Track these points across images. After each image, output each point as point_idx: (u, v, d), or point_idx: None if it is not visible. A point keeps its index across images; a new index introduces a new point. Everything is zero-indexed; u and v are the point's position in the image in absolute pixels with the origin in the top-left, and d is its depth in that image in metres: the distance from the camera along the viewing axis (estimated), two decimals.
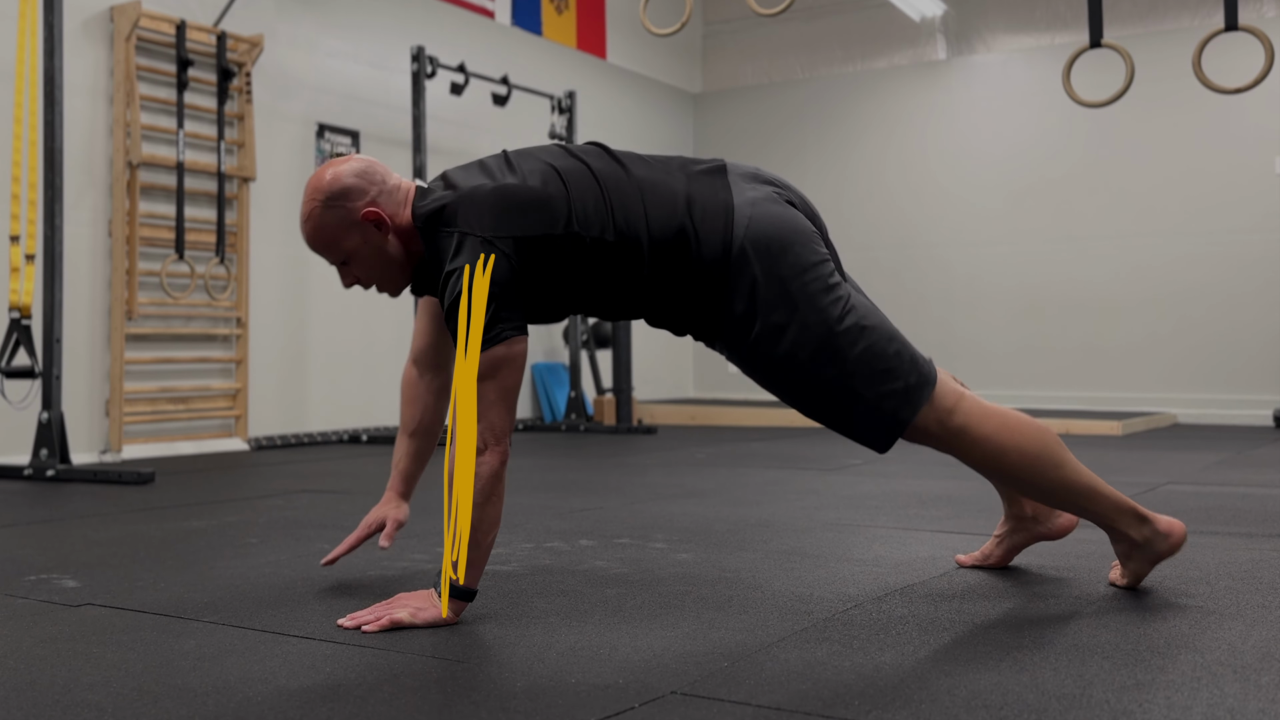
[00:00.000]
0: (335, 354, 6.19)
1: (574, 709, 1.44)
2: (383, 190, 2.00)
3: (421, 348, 2.22)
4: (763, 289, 1.93)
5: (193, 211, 5.48)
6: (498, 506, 1.88)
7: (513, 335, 1.87)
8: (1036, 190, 7.91)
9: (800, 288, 1.94)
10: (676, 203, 1.97)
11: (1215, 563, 2.40)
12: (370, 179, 2.00)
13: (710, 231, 1.95)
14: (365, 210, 1.97)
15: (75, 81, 5.01)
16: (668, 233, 1.96)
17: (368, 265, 2.02)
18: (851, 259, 8.49)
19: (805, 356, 1.95)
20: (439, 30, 6.87)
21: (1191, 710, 1.41)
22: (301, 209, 2.02)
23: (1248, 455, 5.05)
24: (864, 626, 1.87)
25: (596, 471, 4.52)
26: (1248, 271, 7.28)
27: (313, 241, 2.02)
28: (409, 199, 2.02)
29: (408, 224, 2.01)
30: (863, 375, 1.95)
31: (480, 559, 1.89)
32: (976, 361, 8.04)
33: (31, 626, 1.92)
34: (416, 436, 2.24)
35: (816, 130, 8.71)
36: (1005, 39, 8.24)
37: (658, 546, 2.68)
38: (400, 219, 2.01)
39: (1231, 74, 4.68)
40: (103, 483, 4.10)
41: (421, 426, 2.24)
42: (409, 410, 2.24)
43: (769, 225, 1.96)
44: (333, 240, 2.00)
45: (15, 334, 4.29)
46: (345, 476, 4.37)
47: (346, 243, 2.00)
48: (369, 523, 2.23)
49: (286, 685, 1.55)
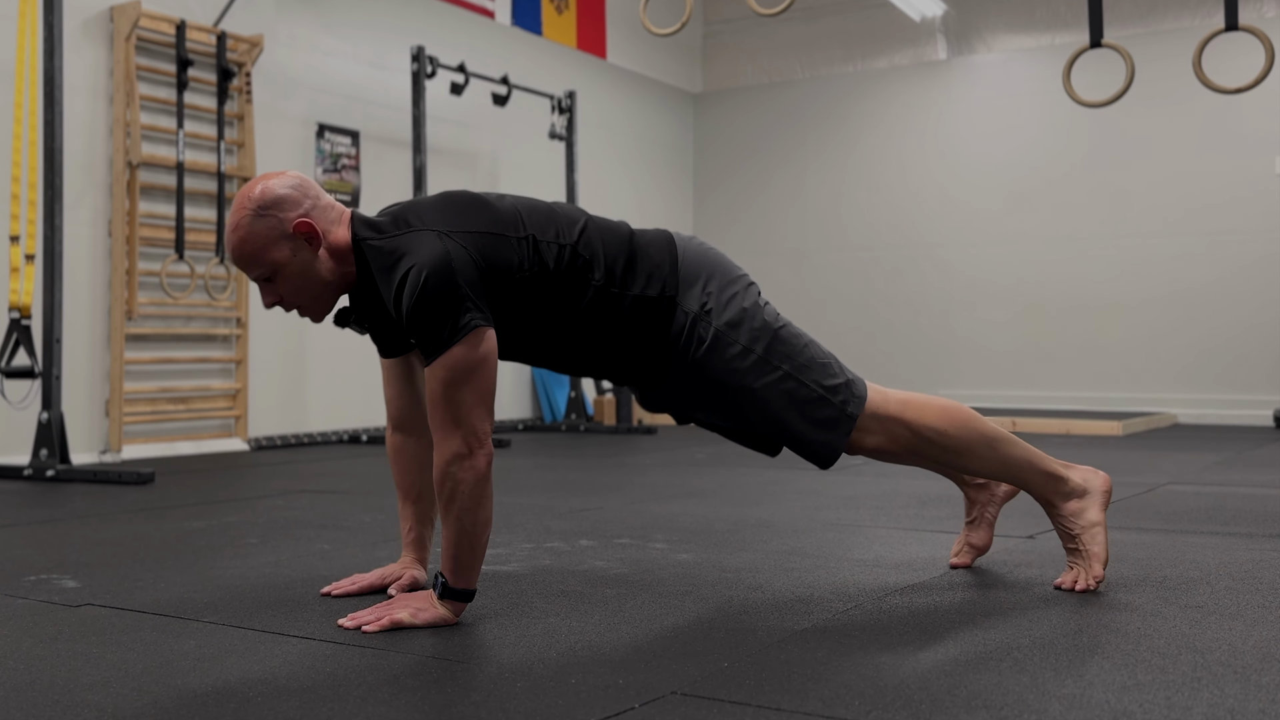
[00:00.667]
0: (335, 354, 6.19)
1: (574, 709, 1.44)
2: (316, 205, 1.95)
3: (398, 412, 2.16)
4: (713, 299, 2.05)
5: (193, 211, 5.48)
6: (488, 507, 1.87)
7: (482, 324, 1.84)
8: (1036, 190, 7.91)
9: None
10: (621, 227, 2.08)
11: (1215, 563, 2.40)
12: (305, 192, 1.95)
13: (658, 253, 2.05)
14: (298, 221, 1.91)
15: (75, 81, 5.00)
16: (620, 246, 2.03)
17: (294, 282, 1.94)
18: (851, 259, 8.50)
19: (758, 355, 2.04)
20: (439, 30, 6.87)
21: (1191, 710, 1.41)
22: (229, 219, 1.94)
23: (1248, 455, 5.05)
24: (864, 626, 1.87)
25: (596, 471, 4.52)
26: (1248, 271, 7.28)
27: (239, 251, 1.92)
28: (344, 219, 1.97)
29: (342, 243, 1.95)
30: (811, 370, 2.06)
31: (476, 560, 1.89)
32: (976, 361, 8.04)
33: (31, 626, 1.92)
34: (420, 501, 2.18)
35: (816, 130, 8.71)
36: (1005, 39, 8.24)
37: (658, 546, 2.68)
38: (334, 236, 1.95)
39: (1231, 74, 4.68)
40: (103, 483, 4.10)
41: (423, 489, 2.17)
42: (404, 477, 2.17)
43: (701, 250, 2.10)
44: (260, 251, 1.91)
45: (15, 334, 4.29)
46: (345, 476, 4.37)
47: (274, 254, 1.91)
48: (384, 574, 2.18)
49: (286, 685, 1.55)
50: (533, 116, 7.34)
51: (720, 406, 2.06)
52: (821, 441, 2.07)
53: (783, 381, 2.03)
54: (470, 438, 1.83)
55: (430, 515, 2.20)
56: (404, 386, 2.15)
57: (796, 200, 8.73)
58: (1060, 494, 2.15)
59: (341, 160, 6.26)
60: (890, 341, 8.27)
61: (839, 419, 2.06)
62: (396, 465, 2.18)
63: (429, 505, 2.19)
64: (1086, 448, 5.45)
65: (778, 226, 8.72)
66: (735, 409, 2.06)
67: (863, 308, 8.27)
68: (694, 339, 2.02)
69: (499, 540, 2.74)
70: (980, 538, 2.38)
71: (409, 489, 2.18)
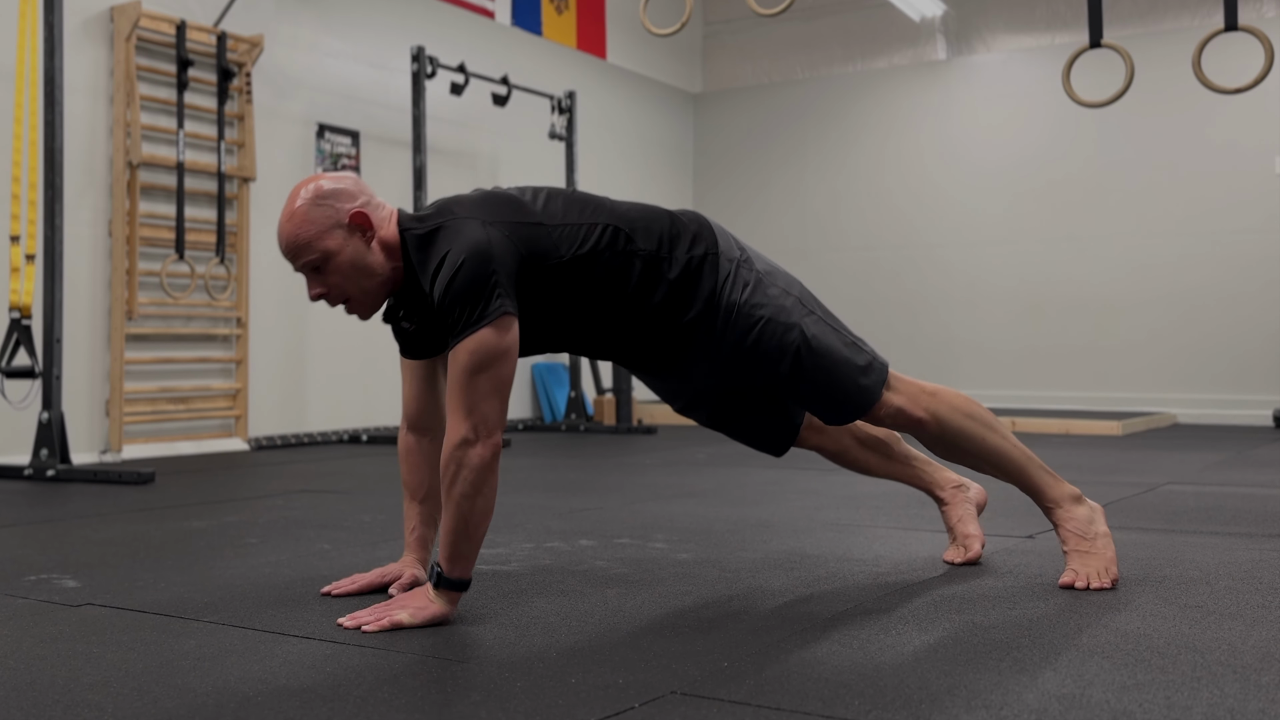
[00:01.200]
0: (335, 354, 6.19)
1: (574, 709, 1.44)
2: (370, 201, 1.99)
3: (414, 413, 2.17)
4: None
5: (193, 211, 5.47)
6: (490, 498, 1.87)
7: (510, 313, 1.86)
8: (1036, 190, 7.91)
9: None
10: (660, 210, 2.12)
11: (1215, 563, 2.40)
12: (360, 188, 2.00)
13: (690, 219, 2.11)
14: (354, 211, 1.95)
15: (75, 81, 5.00)
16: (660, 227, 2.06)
17: (344, 272, 1.96)
18: (851, 259, 8.50)
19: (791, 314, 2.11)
20: (439, 30, 6.87)
21: (1191, 710, 1.41)
22: (284, 209, 1.96)
23: (1248, 455, 5.05)
24: (864, 626, 1.87)
25: (596, 471, 4.52)
26: (1248, 272, 7.28)
27: (292, 237, 1.94)
28: (393, 218, 2.01)
29: (391, 239, 1.98)
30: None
31: (472, 551, 1.89)
32: (976, 361, 8.04)
33: (31, 626, 1.92)
34: (427, 501, 2.18)
35: (816, 130, 8.71)
36: (1005, 39, 8.24)
37: (658, 546, 2.68)
38: (385, 232, 1.98)
39: (1231, 74, 4.68)
40: (103, 483, 4.10)
41: (430, 490, 2.17)
42: (413, 476, 2.18)
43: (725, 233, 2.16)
44: (314, 238, 1.93)
45: (15, 334, 4.29)
46: (345, 476, 4.37)
47: (328, 242, 1.94)
48: (384, 573, 2.18)
49: (286, 685, 1.55)
50: (533, 116, 7.34)
51: (760, 357, 2.08)
52: (861, 386, 2.11)
53: (819, 323, 2.11)
54: (480, 425, 1.84)
55: (435, 517, 2.20)
56: (424, 387, 2.16)
57: (796, 200, 8.73)
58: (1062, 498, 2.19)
59: (341, 160, 6.26)
60: (890, 341, 8.26)
61: (873, 365, 2.14)
62: (406, 464, 2.18)
63: (435, 506, 2.19)
64: (1086, 448, 5.45)
65: (777, 226, 8.71)
66: (777, 353, 2.07)
67: (862, 308, 8.27)
68: (739, 282, 2.07)
69: (499, 540, 2.75)
70: (970, 527, 2.42)
71: (416, 489, 2.18)
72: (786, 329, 2.06)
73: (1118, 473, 4.28)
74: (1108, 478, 4.11)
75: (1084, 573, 2.14)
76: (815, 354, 2.08)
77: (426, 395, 2.16)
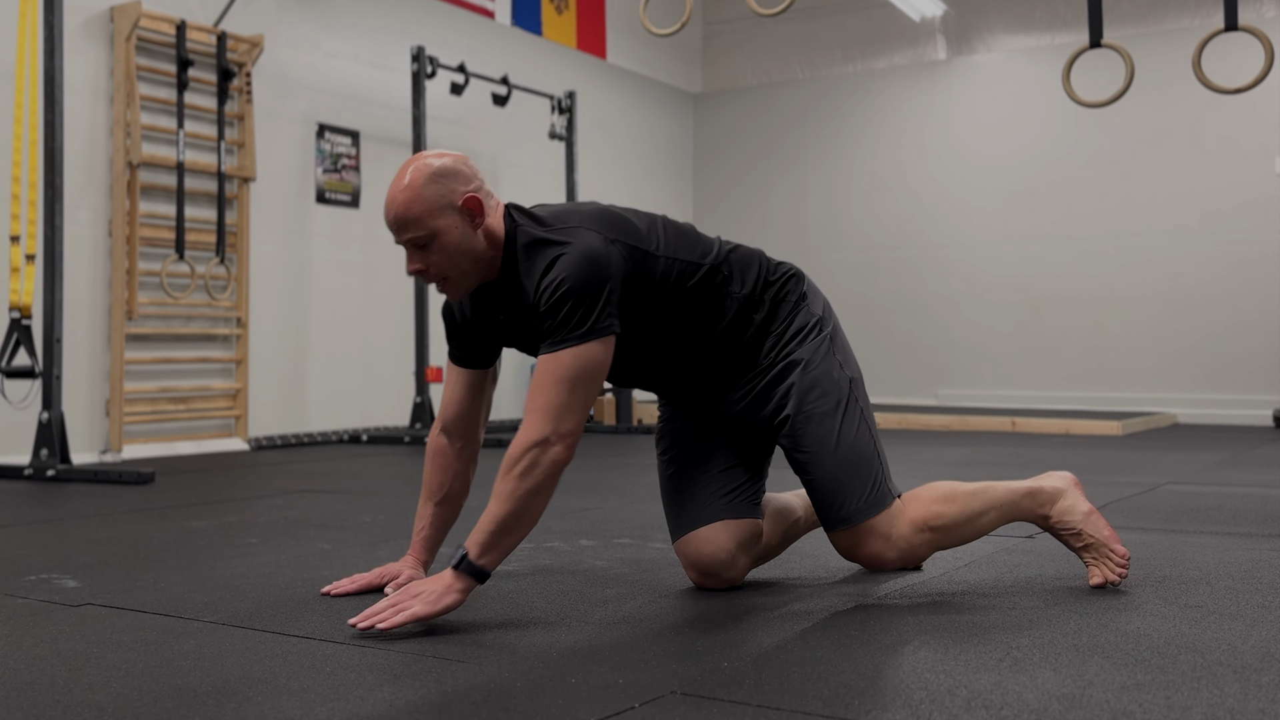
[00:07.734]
0: (335, 354, 6.19)
1: (574, 709, 1.44)
2: (482, 188, 1.99)
3: (452, 416, 2.17)
4: None
5: (193, 211, 5.47)
6: (546, 501, 1.89)
7: (616, 332, 1.91)
8: (1036, 190, 7.91)
9: None
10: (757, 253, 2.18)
11: (1215, 563, 2.40)
12: (475, 173, 2.00)
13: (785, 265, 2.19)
14: (468, 196, 1.95)
15: (75, 81, 5.00)
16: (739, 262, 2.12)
17: (448, 252, 1.95)
18: (851, 259, 8.50)
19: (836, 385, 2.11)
20: (439, 30, 6.87)
21: (1191, 710, 1.41)
22: (397, 180, 1.95)
23: (1248, 455, 5.05)
24: (864, 626, 1.87)
25: (596, 471, 4.52)
26: (1248, 271, 7.28)
27: (404, 211, 1.93)
28: (500, 209, 2.02)
29: (496, 229, 1.99)
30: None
31: (509, 546, 1.89)
32: (976, 361, 8.04)
33: (31, 626, 1.92)
34: (443, 505, 2.18)
35: (816, 130, 8.71)
36: (1005, 39, 8.24)
37: (658, 546, 2.68)
38: (491, 221, 1.99)
39: (1231, 74, 4.68)
40: (103, 483, 4.10)
41: (449, 494, 2.17)
42: (437, 478, 2.17)
43: None
44: (426, 215, 1.93)
45: (15, 334, 4.29)
46: (345, 476, 4.37)
47: (439, 221, 1.93)
48: (384, 572, 2.17)
49: (287, 685, 1.55)
50: (533, 117, 7.34)
51: (805, 407, 2.07)
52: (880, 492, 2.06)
53: (862, 416, 2.10)
54: (562, 431, 1.87)
55: (448, 521, 2.20)
56: (469, 394, 2.16)
57: (796, 200, 8.73)
58: (1046, 504, 2.16)
59: (341, 160, 6.26)
60: (890, 341, 8.27)
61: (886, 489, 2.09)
62: (432, 464, 2.18)
63: (450, 511, 2.19)
64: (1086, 448, 5.45)
65: (778, 226, 8.71)
66: (819, 416, 2.06)
67: (863, 307, 8.27)
68: (816, 331, 2.12)
69: None
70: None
71: (435, 490, 2.17)
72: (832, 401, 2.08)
73: (1118, 473, 4.28)
74: (1108, 478, 4.11)
75: (1101, 571, 2.13)
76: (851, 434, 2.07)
77: (469, 403, 2.16)
